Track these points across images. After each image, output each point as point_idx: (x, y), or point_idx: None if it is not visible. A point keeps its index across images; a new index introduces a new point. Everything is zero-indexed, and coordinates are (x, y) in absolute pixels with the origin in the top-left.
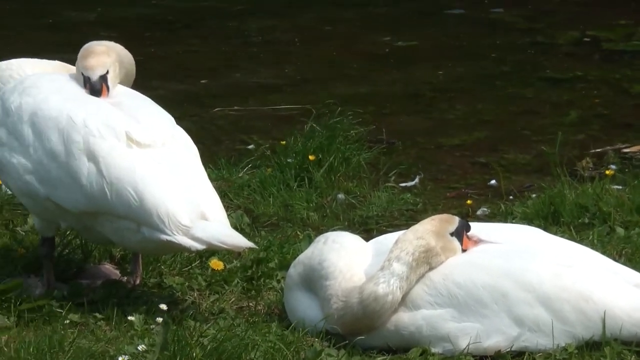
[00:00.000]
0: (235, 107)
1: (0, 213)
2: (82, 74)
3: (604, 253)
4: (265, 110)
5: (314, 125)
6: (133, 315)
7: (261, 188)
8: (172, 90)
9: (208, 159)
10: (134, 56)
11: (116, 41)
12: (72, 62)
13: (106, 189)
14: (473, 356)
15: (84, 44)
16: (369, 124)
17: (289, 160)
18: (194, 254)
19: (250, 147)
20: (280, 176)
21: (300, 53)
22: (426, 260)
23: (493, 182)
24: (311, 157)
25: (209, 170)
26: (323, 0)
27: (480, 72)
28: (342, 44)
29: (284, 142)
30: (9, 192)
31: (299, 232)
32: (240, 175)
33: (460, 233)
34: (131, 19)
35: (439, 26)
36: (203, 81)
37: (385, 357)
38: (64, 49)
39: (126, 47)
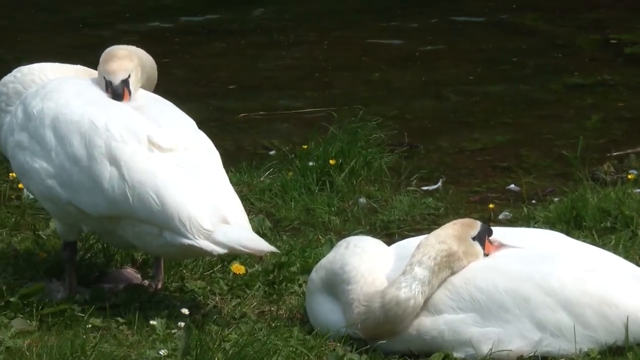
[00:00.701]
0: (261, 112)
1: (23, 217)
2: (104, 78)
3: (626, 257)
4: (287, 115)
5: (335, 129)
6: (155, 320)
7: (283, 192)
8: (193, 94)
9: (229, 163)
10: (155, 60)
11: (138, 45)
12: (94, 66)
13: (128, 193)
14: None
15: (106, 48)
16: (390, 128)
17: (310, 164)
18: (215, 258)
19: (272, 152)
20: (302, 180)
21: (323, 57)
22: (448, 265)
23: (512, 186)
24: (332, 162)
25: (231, 174)
26: (346, 4)
27: (502, 76)
28: (365, 48)
29: (305, 146)
30: (31, 197)
31: (320, 237)
32: (261, 179)
33: (482, 237)
34: (153, 23)
35: (461, 31)
36: (224, 85)
37: None
38: (86, 53)
39: (148, 51)
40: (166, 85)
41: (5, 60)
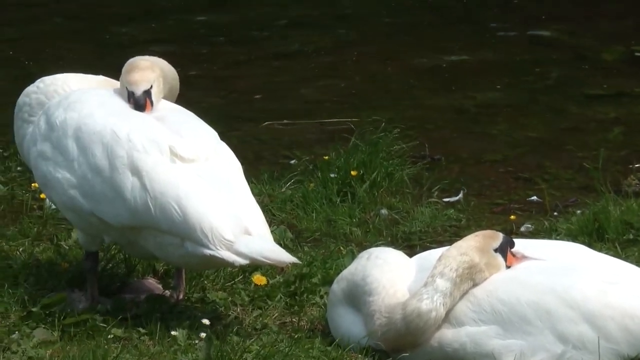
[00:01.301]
0: (285, 121)
1: (45, 227)
2: (127, 89)
3: None
4: (308, 125)
5: (356, 140)
6: (176, 330)
7: (304, 203)
8: (215, 105)
9: (251, 174)
10: (177, 71)
11: (160, 56)
12: (117, 77)
13: (150, 204)
14: None
15: (129, 59)
16: (412, 140)
17: (331, 175)
18: (237, 269)
19: (293, 162)
20: (323, 191)
21: (345, 68)
22: (470, 277)
23: (534, 198)
24: (354, 173)
25: (252, 185)
26: (367, 15)
27: (524, 88)
28: (387, 60)
29: (326, 157)
30: (54, 207)
31: (342, 248)
32: (283, 190)
33: (504, 249)
34: (175, 33)
35: (485, 42)
36: (246, 95)
37: None
38: (109, 63)
39: (170, 62)
40: (188, 96)
41: (28, 70)
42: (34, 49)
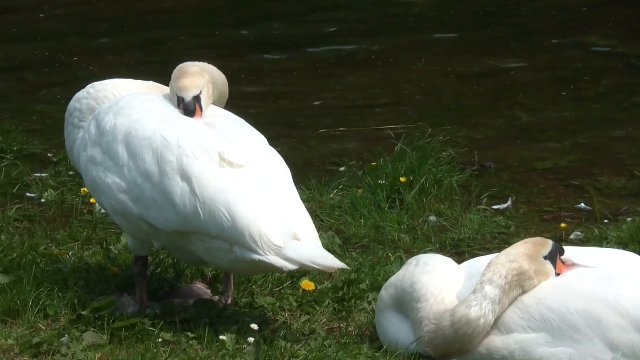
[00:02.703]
0: (341, 128)
1: (95, 232)
2: (176, 95)
3: None
4: (357, 132)
5: (404, 146)
6: (225, 335)
7: (352, 209)
8: (264, 111)
9: (299, 180)
10: (227, 77)
11: (210, 62)
12: (167, 82)
13: (199, 209)
14: None
15: (179, 64)
16: (461, 146)
17: (380, 181)
18: (285, 275)
19: (342, 168)
20: (372, 198)
21: (393, 74)
22: (519, 284)
23: (582, 205)
24: (402, 179)
25: (301, 191)
26: (417, 22)
27: (574, 96)
28: (438, 68)
29: (374, 164)
30: (103, 212)
31: (390, 254)
32: (331, 196)
33: (554, 257)
34: (225, 40)
35: (536, 50)
36: (295, 102)
37: None
38: (159, 69)
39: (219, 68)
40: (237, 102)
41: (78, 76)
42: (84, 54)
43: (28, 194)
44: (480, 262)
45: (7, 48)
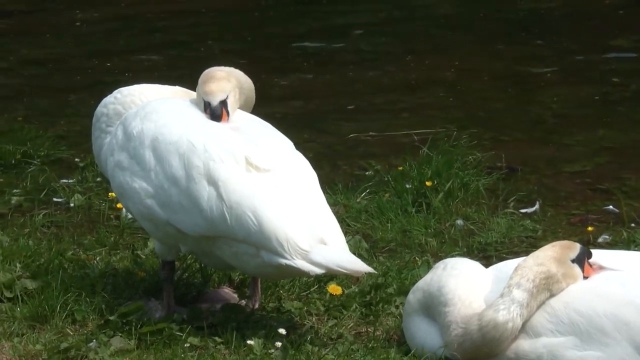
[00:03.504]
0: (371, 133)
1: (122, 237)
2: (203, 99)
3: None
4: (383, 136)
5: (429, 151)
6: (252, 340)
7: (379, 213)
8: (291, 116)
9: (326, 184)
10: (253, 82)
11: (236, 67)
12: (193, 87)
13: (226, 214)
14: None
15: (205, 69)
16: (487, 150)
17: (406, 185)
18: (312, 279)
19: (368, 173)
20: (398, 202)
21: (419, 78)
22: (547, 287)
23: (610, 207)
24: (428, 183)
25: (327, 196)
26: (443, 25)
27: (602, 98)
28: (463, 70)
29: (401, 168)
30: (130, 217)
31: (417, 258)
32: (358, 200)
33: (582, 260)
34: (250, 44)
35: (560, 53)
36: (321, 106)
37: None
38: (185, 74)
39: (246, 73)
40: (263, 106)
41: (105, 81)
42: (110, 59)
43: (55, 199)
44: (507, 266)
45: (35, 53)
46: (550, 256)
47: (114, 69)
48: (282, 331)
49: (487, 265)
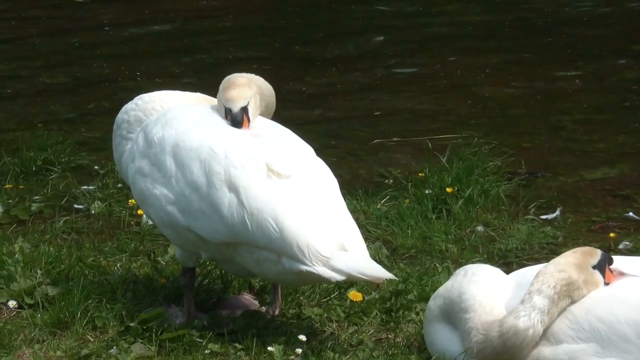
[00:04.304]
0: (394, 139)
1: (142, 243)
2: (224, 106)
3: None
4: (403, 142)
5: (450, 156)
6: (272, 346)
7: (399, 220)
8: (311, 122)
9: (346, 191)
10: (274, 88)
11: (257, 73)
12: (213, 93)
13: (247, 220)
14: None
15: (224, 76)
16: (508, 156)
17: (426, 192)
18: (332, 285)
19: (388, 180)
20: (418, 208)
21: (438, 85)
22: (568, 294)
23: (631, 214)
24: (449, 190)
25: (347, 202)
26: (463, 33)
27: (622, 105)
28: (481, 75)
29: (421, 174)
30: (150, 223)
31: (437, 264)
32: (378, 206)
33: (603, 266)
34: (270, 50)
35: (580, 59)
36: (341, 113)
37: None
38: (205, 80)
39: (266, 79)
40: (284, 112)
41: (126, 87)
42: (131, 66)
43: (76, 206)
44: (528, 272)
45: (56, 60)
46: (571, 262)
47: (134, 75)
48: (303, 338)
49: (507, 272)
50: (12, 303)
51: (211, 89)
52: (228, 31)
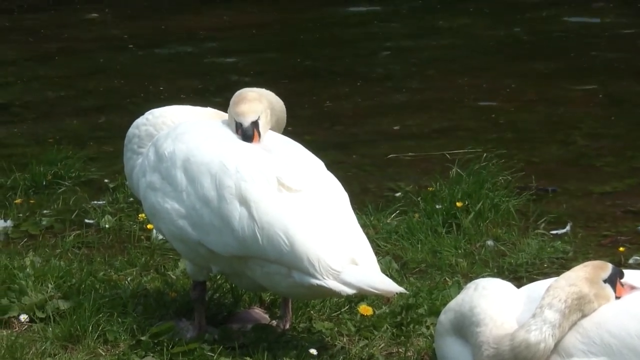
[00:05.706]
0: (410, 154)
1: (152, 257)
2: (234, 120)
3: None
4: (414, 157)
5: (460, 171)
6: None
7: (409, 234)
8: (321, 136)
9: (356, 205)
10: (284, 103)
11: (266, 88)
12: (224, 108)
13: (257, 234)
14: None
15: (235, 91)
16: (517, 171)
17: (436, 206)
18: (343, 299)
19: (398, 194)
20: (428, 222)
21: (446, 99)
22: (579, 308)
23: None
24: (459, 204)
25: (357, 216)
26: (474, 46)
27: (631, 120)
28: (491, 90)
29: (431, 189)
30: (160, 237)
31: (447, 279)
32: (387, 221)
33: (614, 280)
34: (280, 66)
35: (589, 73)
36: (351, 127)
37: None
38: (216, 95)
39: (277, 94)
40: (294, 127)
41: (136, 103)
42: (142, 81)
43: (86, 221)
44: (539, 286)
45: (64, 73)
46: (582, 276)
47: (144, 90)
48: (313, 352)
49: (518, 287)
50: (23, 317)
51: (222, 104)
52: (239, 46)
